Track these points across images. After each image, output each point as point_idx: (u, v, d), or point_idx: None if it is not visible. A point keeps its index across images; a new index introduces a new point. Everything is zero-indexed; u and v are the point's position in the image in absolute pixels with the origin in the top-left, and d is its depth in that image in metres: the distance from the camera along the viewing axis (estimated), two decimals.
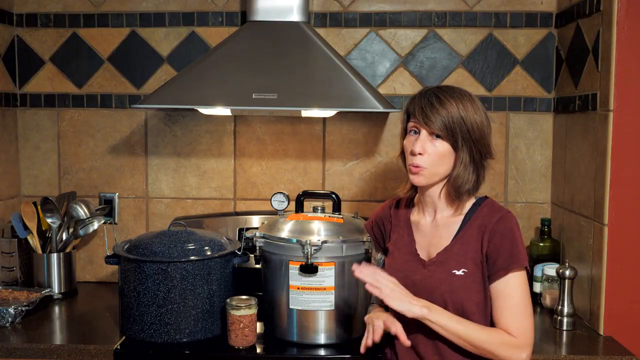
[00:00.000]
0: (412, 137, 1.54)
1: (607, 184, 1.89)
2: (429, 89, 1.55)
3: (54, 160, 2.49)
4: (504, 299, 1.48)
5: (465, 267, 1.50)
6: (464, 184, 1.51)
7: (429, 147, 1.50)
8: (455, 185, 1.52)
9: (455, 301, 1.49)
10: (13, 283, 2.28)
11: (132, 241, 1.96)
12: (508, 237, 1.49)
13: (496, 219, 1.51)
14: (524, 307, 1.49)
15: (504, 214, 1.52)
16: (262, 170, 2.45)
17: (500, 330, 1.47)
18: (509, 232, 1.49)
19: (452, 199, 1.55)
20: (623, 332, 1.90)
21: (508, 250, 1.48)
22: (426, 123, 1.49)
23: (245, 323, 1.79)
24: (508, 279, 1.48)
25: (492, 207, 1.55)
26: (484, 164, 1.54)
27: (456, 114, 1.48)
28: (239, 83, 2.05)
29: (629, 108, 1.87)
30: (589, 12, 2.01)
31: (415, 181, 1.54)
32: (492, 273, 1.49)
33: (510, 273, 1.48)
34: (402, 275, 1.56)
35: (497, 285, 1.49)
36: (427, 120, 1.49)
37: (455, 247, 1.53)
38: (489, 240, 1.50)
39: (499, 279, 1.48)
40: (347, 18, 2.38)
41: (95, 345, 1.81)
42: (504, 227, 1.50)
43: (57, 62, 2.46)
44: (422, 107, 1.50)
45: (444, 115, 1.48)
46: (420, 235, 1.61)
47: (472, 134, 1.49)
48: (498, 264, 1.48)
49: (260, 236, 1.89)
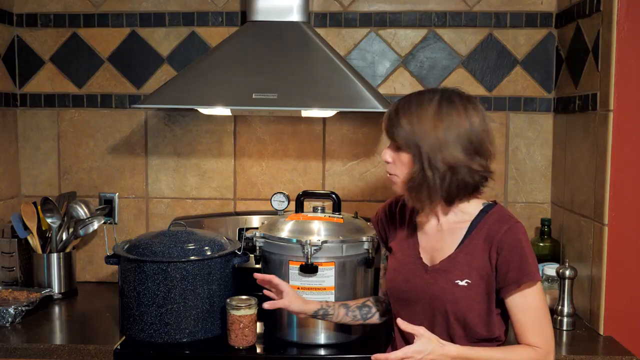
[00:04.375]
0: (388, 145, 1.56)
1: (607, 184, 1.89)
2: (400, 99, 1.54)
3: (54, 160, 2.49)
4: (524, 312, 1.47)
5: (469, 278, 1.48)
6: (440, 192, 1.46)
7: (394, 156, 1.52)
8: (416, 193, 1.49)
9: (457, 311, 1.47)
10: (13, 283, 2.28)
11: (132, 241, 1.96)
12: (517, 250, 1.46)
13: (504, 231, 1.47)
14: (545, 317, 1.48)
15: (512, 224, 1.48)
16: (262, 170, 2.45)
17: (524, 347, 1.47)
18: (517, 244, 1.46)
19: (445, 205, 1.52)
20: (623, 332, 1.90)
21: (518, 263, 1.45)
22: (387, 133, 1.52)
23: (245, 323, 1.79)
24: (525, 293, 1.46)
25: (500, 215, 1.51)
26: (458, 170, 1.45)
27: (415, 128, 1.46)
28: (239, 83, 2.05)
29: (629, 108, 1.87)
30: (589, 12, 2.01)
31: (393, 188, 1.55)
32: (504, 286, 1.47)
33: (524, 287, 1.46)
34: (402, 278, 1.55)
35: (513, 299, 1.47)
36: (388, 130, 1.52)
37: (460, 256, 1.50)
38: (497, 253, 1.47)
39: (513, 292, 1.46)
40: (347, 18, 2.38)
41: (95, 345, 1.81)
42: (512, 239, 1.46)
43: (57, 62, 2.46)
44: (387, 117, 1.53)
45: (403, 126, 1.48)
46: (424, 238, 1.59)
47: (432, 147, 1.44)
48: (509, 277, 1.46)
49: (260, 236, 1.89)
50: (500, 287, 1.47)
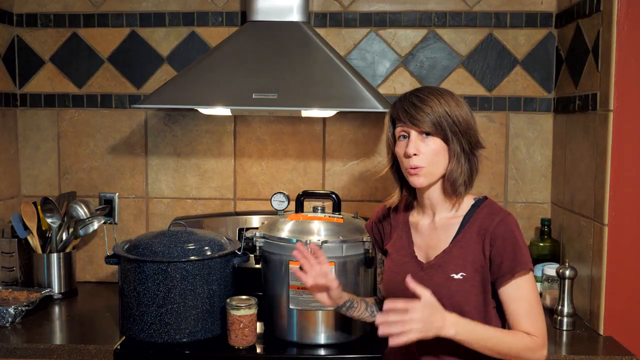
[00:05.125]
0: (403, 142, 1.53)
1: (607, 184, 1.89)
2: (407, 92, 1.56)
3: (54, 160, 2.49)
4: (517, 302, 1.48)
5: (464, 271, 1.49)
6: (458, 176, 1.51)
7: (421, 147, 1.50)
8: (450, 179, 1.52)
9: (453, 305, 1.47)
10: (13, 283, 2.28)
11: (132, 241, 1.96)
12: (510, 241, 1.48)
13: (496, 222, 1.50)
14: (537, 307, 1.50)
15: (504, 216, 1.51)
16: (262, 170, 2.45)
17: (521, 333, 1.47)
18: (510, 234, 1.49)
19: (449, 195, 1.54)
20: (623, 332, 1.90)
21: (511, 253, 1.47)
22: (414, 123, 1.49)
23: (245, 323, 1.79)
24: (518, 283, 1.48)
25: (491, 208, 1.54)
26: (475, 154, 1.54)
27: (440, 109, 1.49)
28: (239, 83, 2.05)
29: (629, 108, 1.87)
30: (589, 12, 2.01)
31: (416, 183, 1.53)
32: (498, 277, 1.48)
33: (517, 277, 1.47)
34: (399, 278, 1.54)
35: (507, 289, 1.49)
36: (414, 120, 1.49)
37: (454, 250, 1.52)
38: (490, 244, 1.49)
39: (507, 283, 1.48)
40: (347, 18, 2.38)
41: (95, 345, 1.82)
42: (504, 230, 1.49)
43: (57, 62, 2.46)
44: (406, 109, 1.51)
45: (428, 112, 1.48)
46: (418, 237, 1.60)
47: (459, 126, 1.50)
48: (503, 268, 1.47)
49: (260, 236, 1.89)
50: (494, 279, 1.49)
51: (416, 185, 1.54)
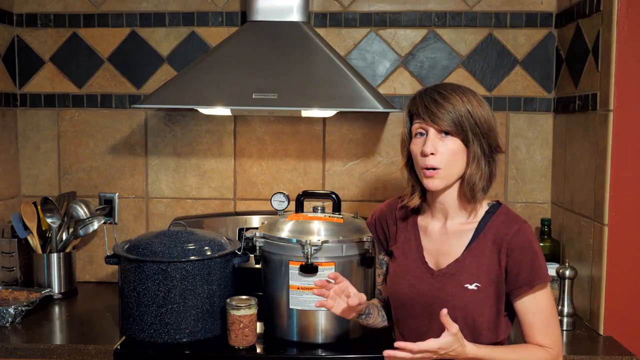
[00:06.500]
0: (419, 140, 1.45)
1: (607, 184, 1.89)
2: (429, 87, 1.48)
3: (54, 160, 2.49)
4: (534, 315, 1.45)
5: (478, 282, 1.44)
6: (478, 181, 1.44)
7: (440, 146, 1.42)
8: (470, 184, 1.44)
9: (466, 316, 1.43)
10: (13, 283, 2.28)
11: (132, 241, 1.96)
12: (528, 252, 1.43)
13: (514, 232, 1.44)
14: (554, 318, 1.47)
15: (521, 225, 1.45)
16: (262, 170, 2.45)
17: (535, 347, 1.44)
18: (528, 245, 1.43)
19: (467, 200, 1.47)
20: (623, 332, 1.90)
21: (529, 265, 1.42)
22: (433, 121, 1.42)
23: (245, 323, 1.79)
24: (535, 295, 1.44)
25: (507, 216, 1.48)
26: (495, 158, 1.48)
27: (462, 108, 1.41)
28: (239, 83, 2.05)
29: (629, 108, 1.87)
30: (589, 12, 2.01)
31: (431, 186, 1.45)
32: (514, 289, 1.44)
33: (536, 289, 1.43)
34: (407, 283, 1.51)
35: (523, 302, 1.45)
36: (433, 117, 1.42)
37: (468, 259, 1.46)
38: (507, 255, 1.43)
39: (524, 295, 1.44)
40: (347, 18, 2.38)
41: (95, 345, 1.82)
42: (523, 241, 1.43)
43: (57, 62, 2.46)
44: (426, 105, 1.43)
45: (450, 110, 1.41)
46: (428, 241, 1.54)
47: (481, 127, 1.43)
48: (520, 280, 1.43)
49: (260, 236, 1.89)
50: (510, 290, 1.45)
51: (430, 189, 1.46)
